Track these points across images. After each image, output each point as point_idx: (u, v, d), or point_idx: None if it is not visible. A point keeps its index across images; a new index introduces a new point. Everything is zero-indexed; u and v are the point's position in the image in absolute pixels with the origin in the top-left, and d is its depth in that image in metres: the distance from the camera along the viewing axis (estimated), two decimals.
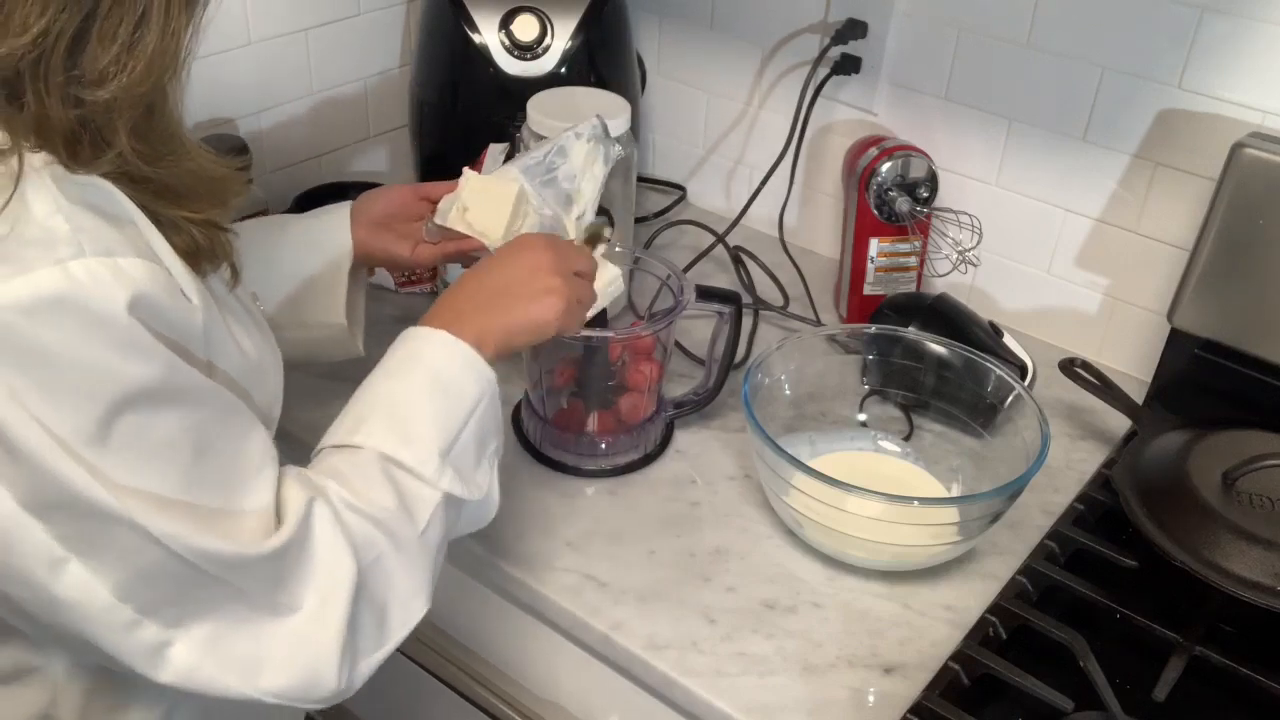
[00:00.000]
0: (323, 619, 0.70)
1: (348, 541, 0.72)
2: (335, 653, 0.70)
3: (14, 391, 0.58)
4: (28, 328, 0.58)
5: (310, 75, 1.43)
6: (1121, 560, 0.97)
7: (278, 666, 0.69)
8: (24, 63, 0.60)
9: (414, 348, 0.83)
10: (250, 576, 0.67)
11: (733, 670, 0.88)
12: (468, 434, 0.81)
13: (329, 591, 0.70)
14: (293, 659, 0.69)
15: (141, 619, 0.64)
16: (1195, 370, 1.11)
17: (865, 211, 1.24)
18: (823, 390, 1.11)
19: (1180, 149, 1.12)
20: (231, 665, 0.67)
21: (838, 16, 1.30)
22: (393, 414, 0.79)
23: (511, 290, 0.87)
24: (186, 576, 0.64)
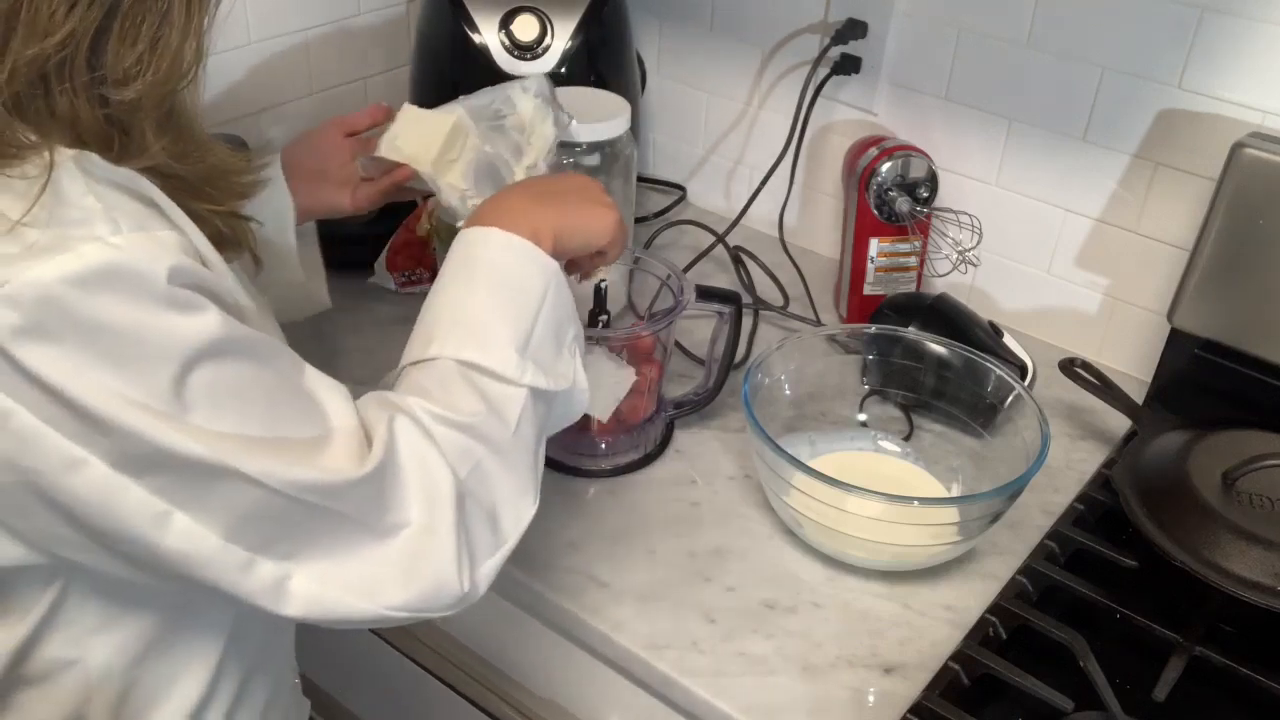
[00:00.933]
0: (432, 529, 0.71)
1: (439, 453, 0.72)
2: (451, 560, 0.71)
3: (80, 366, 0.59)
4: (83, 300, 0.58)
5: (310, 75, 1.43)
6: (1121, 560, 0.97)
7: (398, 582, 0.70)
8: (51, 64, 0.60)
9: (470, 252, 0.81)
10: (350, 501, 0.68)
11: (733, 670, 0.88)
12: (541, 327, 0.80)
13: (433, 503, 0.71)
14: (411, 572, 0.70)
15: (255, 557, 0.65)
16: (1195, 370, 1.11)
17: (865, 211, 1.24)
18: (823, 390, 1.11)
19: (1180, 149, 1.12)
20: (352, 588, 0.68)
21: (838, 16, 1.30)
22: (462, 320, 0.78)
23: (566, 194, 0.87)
24: (289, 511, 0.65)
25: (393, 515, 0.70)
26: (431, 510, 0.71)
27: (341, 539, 0.68)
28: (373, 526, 0.69)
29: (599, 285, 1.06)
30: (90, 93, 0.62)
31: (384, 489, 0.70)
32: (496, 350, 0.77)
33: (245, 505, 0.64)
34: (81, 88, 0.62)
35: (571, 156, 1.18)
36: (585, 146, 1.18)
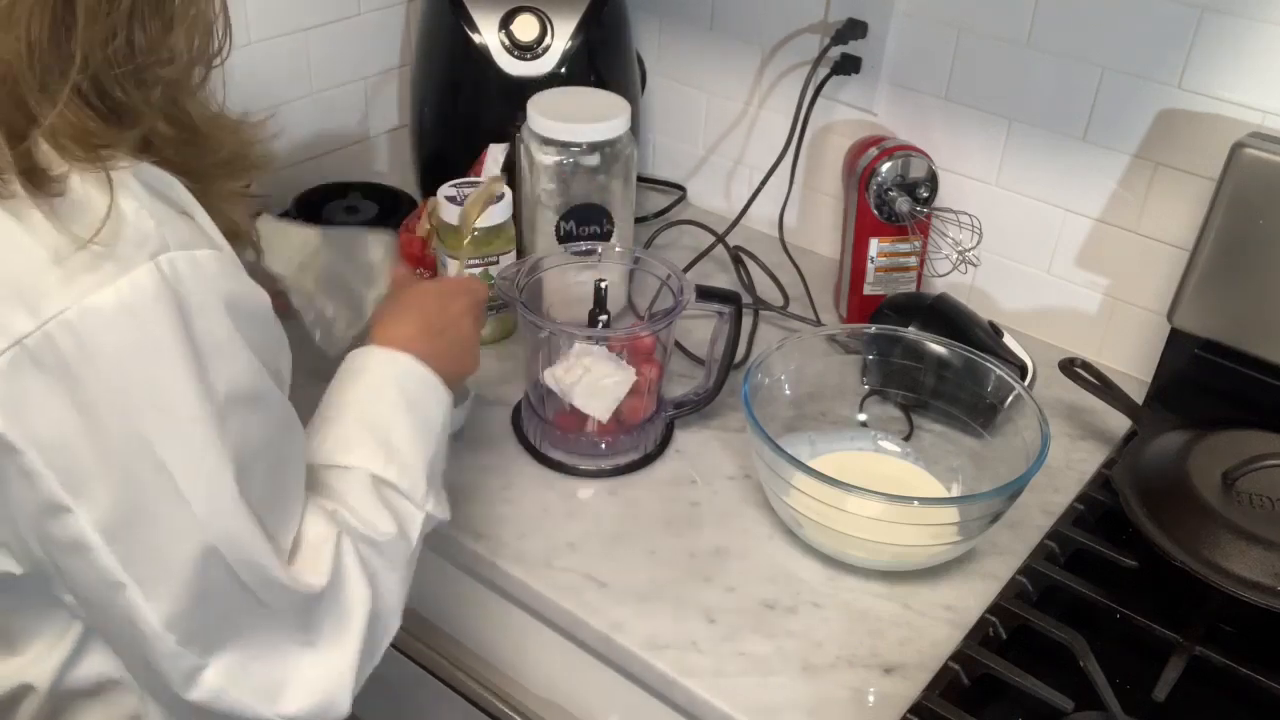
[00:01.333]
0: (342, 648, 0.74)
1: (366, 576, 0.75)
2: (351, 679, 0.74)
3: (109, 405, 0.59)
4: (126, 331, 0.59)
5: (310, 75, 1.43)
6: (1121, 560, 0.97)
7: (297, 691, 0.72)
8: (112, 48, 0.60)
9: (380, 369, 0.85)
10: (286, 604, 0.70)
11: (733, 670, 0.88)
12: (438, 456, 0.84)
13: (349, 624, 0.74)
14: (312, 685, 0.72)
15: (181, 651, 0.67)
16: (1195, 370, 1.11)
17: (865, 211, 1.24)
18: (823, 390, 1.11)
19: (1180, 149, 1.12)
20: (255, 690, 0.70)
21: (838, 16, 1.30)
22: (379, 437, 0.80)
23: (449, 336, 0.91)
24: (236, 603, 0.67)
25: (313, 630, 0.72)
26: (344, 631, 0.74)
27: (260, 641, 0.70)
28: (291, 637, 0.71)
29: (599, 285, 1.06)
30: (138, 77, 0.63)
31: (318, 607, 0.72)
32: (410, 473, 0.80)
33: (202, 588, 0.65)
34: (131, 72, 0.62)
35: (572, 156, 1.18)
36: (585, 146, 1.18)
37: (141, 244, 0.60)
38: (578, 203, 1.21)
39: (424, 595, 1.14)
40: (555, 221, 1.21)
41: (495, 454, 1.08)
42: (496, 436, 1.10)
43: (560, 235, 1.22)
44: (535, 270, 1.09)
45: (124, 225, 0.60)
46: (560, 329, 1.04)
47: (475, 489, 1.04)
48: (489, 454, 1.08)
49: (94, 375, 0.59)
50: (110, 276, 0.58)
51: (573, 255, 1.13)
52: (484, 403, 1.14)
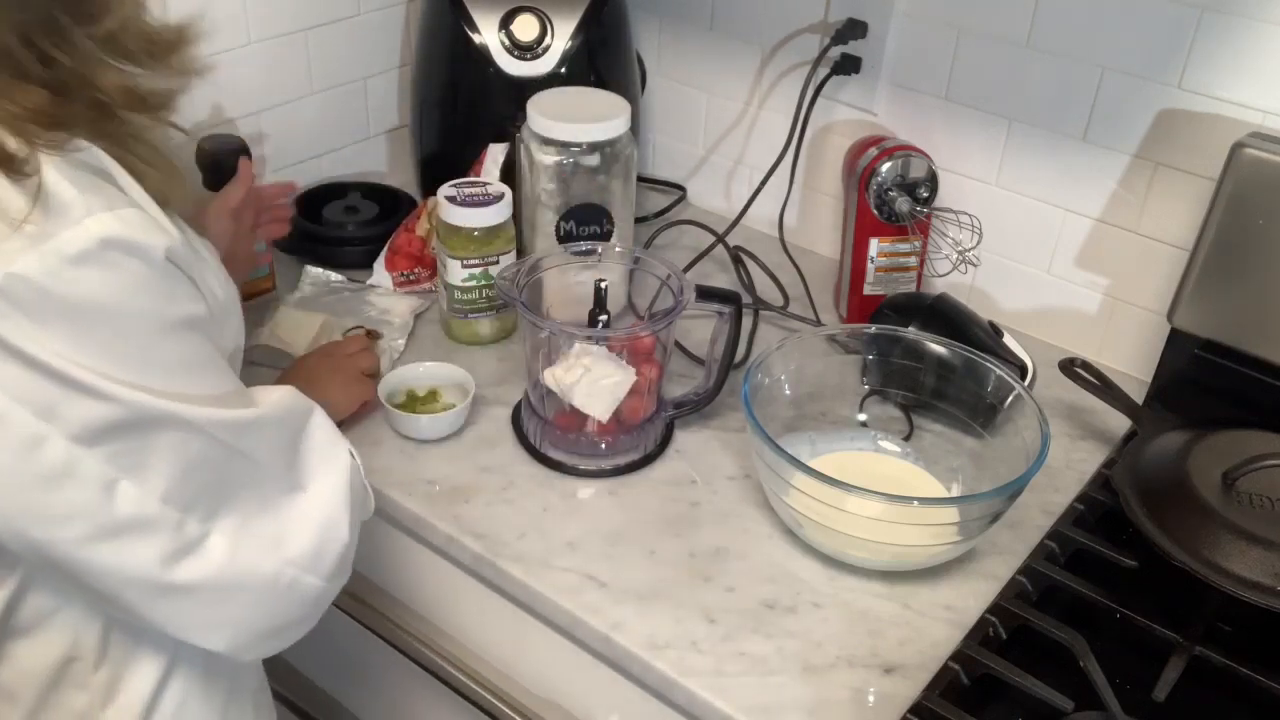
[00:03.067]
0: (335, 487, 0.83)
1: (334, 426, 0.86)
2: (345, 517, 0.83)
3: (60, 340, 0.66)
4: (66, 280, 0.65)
5: (310, 75, 1.43)
6: (1121, 560, 0.97)
7: (299, 534, 0.80)
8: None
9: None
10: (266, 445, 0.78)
11: (733, 670, 0.88)
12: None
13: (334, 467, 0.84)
14: (310, 522, 0.81)
15: (182, 518, 0.73)
16: (1195, 370, 1.11)
17: (865, 211, 1.24)
18: (823, 390, 1.11)
19: (1180, 149, 1.12)
20: (260, 545, 0.78)
21: (838, 16, 1.30)
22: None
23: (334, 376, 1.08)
24: (219, 460, 0.74)
25: (300, 472, 0.82)
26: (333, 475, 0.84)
27: (260, 498, 0.78)
28: (285, 485, 0.80)
29: (599, 285, 1.06)
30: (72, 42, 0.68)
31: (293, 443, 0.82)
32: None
33: (185, 458, 0.72)
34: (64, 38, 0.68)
35: (572, 156, 1.18)
36: (585, 146, 1.18)
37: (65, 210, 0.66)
38: (578, 203, 1.21)
39: (424, 594, 1.14)
40: (555, 221, 1.21)
41: (495, 454, 1.08)
42: (496, 436, 1.10)
43: (560, 235, 1.22)
44: (535, 270, 1.09)
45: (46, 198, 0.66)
46: (560, 329, 1.04)
47: (475, 489, 1.04)
48: (489, 454, 1.08)
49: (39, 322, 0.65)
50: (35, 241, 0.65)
51: (573, 255, 1.13)
52: (484, 403, 1.14)
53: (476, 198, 1.17)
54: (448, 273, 1.19)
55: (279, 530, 0.79)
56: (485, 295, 1.20)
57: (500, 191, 1.18)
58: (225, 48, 1.32)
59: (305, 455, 0.82)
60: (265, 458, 0.78)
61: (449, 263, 1.18)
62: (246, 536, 0.77)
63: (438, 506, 1.02)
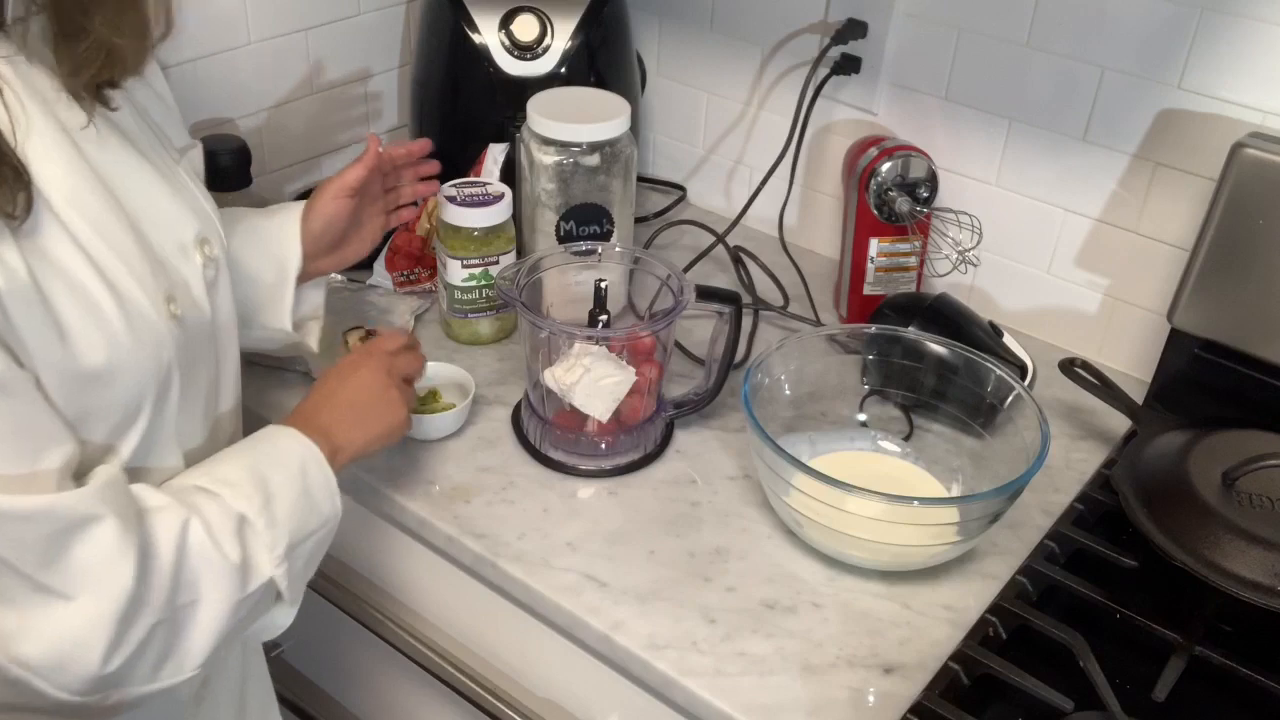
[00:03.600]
0: (91, 615, 0.69)
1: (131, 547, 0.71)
2: (99, 649, 0.70)
3: None
4: None
5: (310, 75, 1.43)
6: (1121, 560, 0.97)
7: (33, 639, 0.68)
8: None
9: (282, 444, 0.85)
10: (11, 538, 0.66)
11: (733, 670, 0.88)
12: (309, 544, 0.84)
13: (102, 590, 0.70)
14: (50, 638, 0.69)
15: None
16: (1195, 370, 1.11)
17: (865, 211, 1.24)
18: (823, 390, 1.11)
19: (1180, 149, 1.12)
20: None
21: (838, 16, 1.30)
22: (260, 488, 0.80)
23: (363, 408, 0.93)
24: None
25: (53, 578, 0.68)
26: (96, 599, 0.69)
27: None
28: (27, 578, 0.68)
29: (599, 285, 1.06)
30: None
31: (54, 545, 0.68)
32: (276, 531, 0.80)
33: None
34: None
35: (572, 156, 1.18)
36: (585, 146, 1.18)
37: None
38: (578, 203, 1.21)
39: (424, 595, 1.14)
40: (555, 221, 1.21)
41: (495, 454, 1.08)
42: (496, 436, 1.10)
43: (560, 235, 1.22)
44: (535, 270, 1.09)
45: None
46: (560, 329, 1.04)
47: (475, 489, 1.04)
48: (489, 454, 1.08)
49: None
50: None
51: (573, 255, 1.13)
52: (484, 403, 1.14)
53: (476, 198, 1.17)
54: (448, 273, 1.19)
55: (15, 626, 0.68)
56: (485, 295, 1.20)
57: (500, 191, 1.18)
58: (225, 48, 1.32)
59: (69, 564, 0.69)
60: (10, 554, 0.67)
61: (449, 263, 1.18)
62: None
63: (438, 506, 1.02)
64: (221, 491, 0.78)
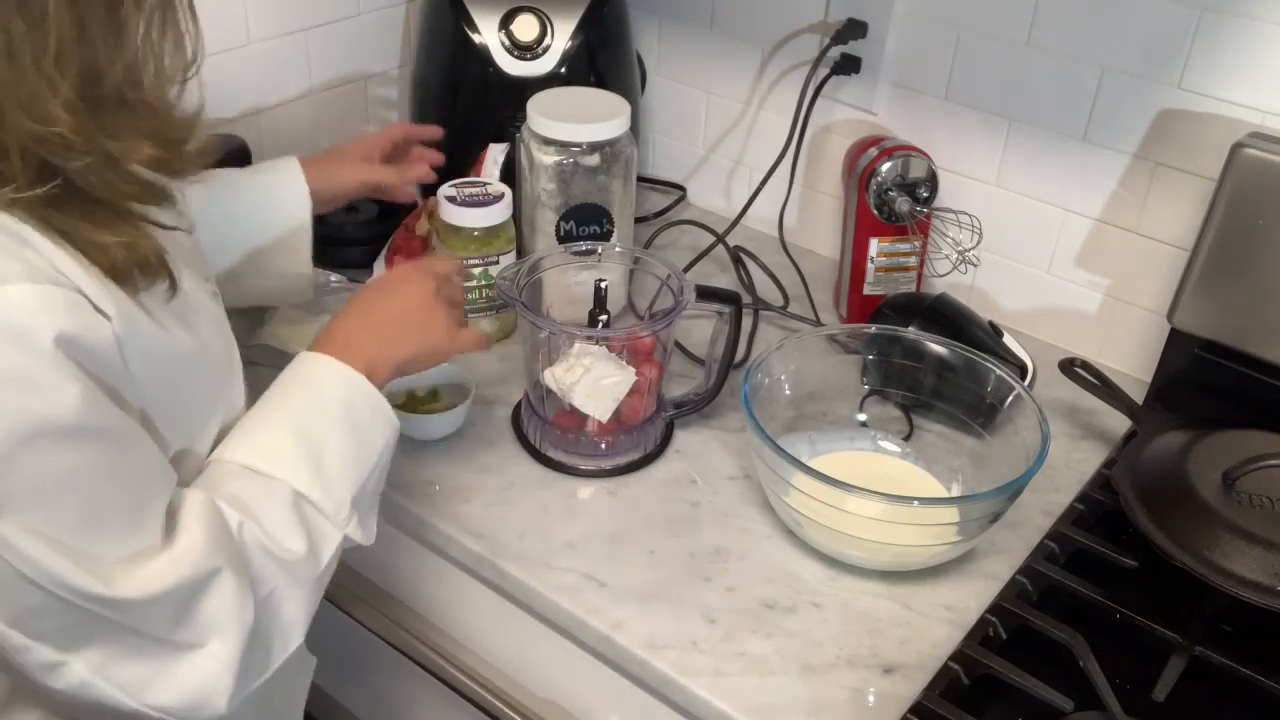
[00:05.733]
0: (215, 654, 0.72)
1: (251, 588, 0.73)
2: (229, 683, 0.72)
3: None
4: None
5: (310, 75, 1.43)
6: (1121, 560, 0.97)
7: (168, 688, 0.70)
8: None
9: (320, 381, 0.83)
10: (138, 617, 0.68)
11: (733, 670, 0.88)
12: (373, 480, 0.83)
13: (225, 630, 0.72)
14: (184, 684, 0.71)
15: (32, 644, 0.66)
16: (1195, 370, 1.11)
17: (865, 211, 1.24)
18: (823, 390, 1.11)
19: (1180, 149, 1.12)
20: (122, 684, 0.69)
21: (838, 16, 1.30)
22: (309, 451, 0.79)
23: (403, 320, 0.90)
24: (70, 613, 0.65)
25: (185, 634, 0.70)
26: (220, 638, 0.72)
27: (129, 644, 0.69)
28: (161, 640, 0.70)
29: (599, 285, 1.07)
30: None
31: (183, 608, 0.70)
32: (334, 491, 0.79)
33: (29, 602, 0.64)
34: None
35: (572, 156, 1.18)
36: (585, 146, 1.18)
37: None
38: (578, 203, 1.21)
39: (424, 594, 1.14)
40: (555, 221, 1.21)
41: (495, 454, 1.08)
42: (496, 436, 1.10)
43: (560, 235, 1.22)
44: (535, 270, 1.09)
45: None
46: (560, 329, 1.04)
47: (475, 489, 1.04)
48: (489, 454, 1.08)
49: None
50: None
51: (573, 255, 1.13)
52: (484, 403, 1.14)
53: (476, 198, 1.17)
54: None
55: (148, 676, 0.70)
56: (485, 295, 1.20)
57: (500, 191, 1.18)
58: (225, 47, 1.32)
59: (198, 618, 0.71)
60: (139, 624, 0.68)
61: None
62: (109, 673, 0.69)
63: (438, 506, 1.02)
64: (272, 471, 0.78)
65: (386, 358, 0.87)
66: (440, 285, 0.93)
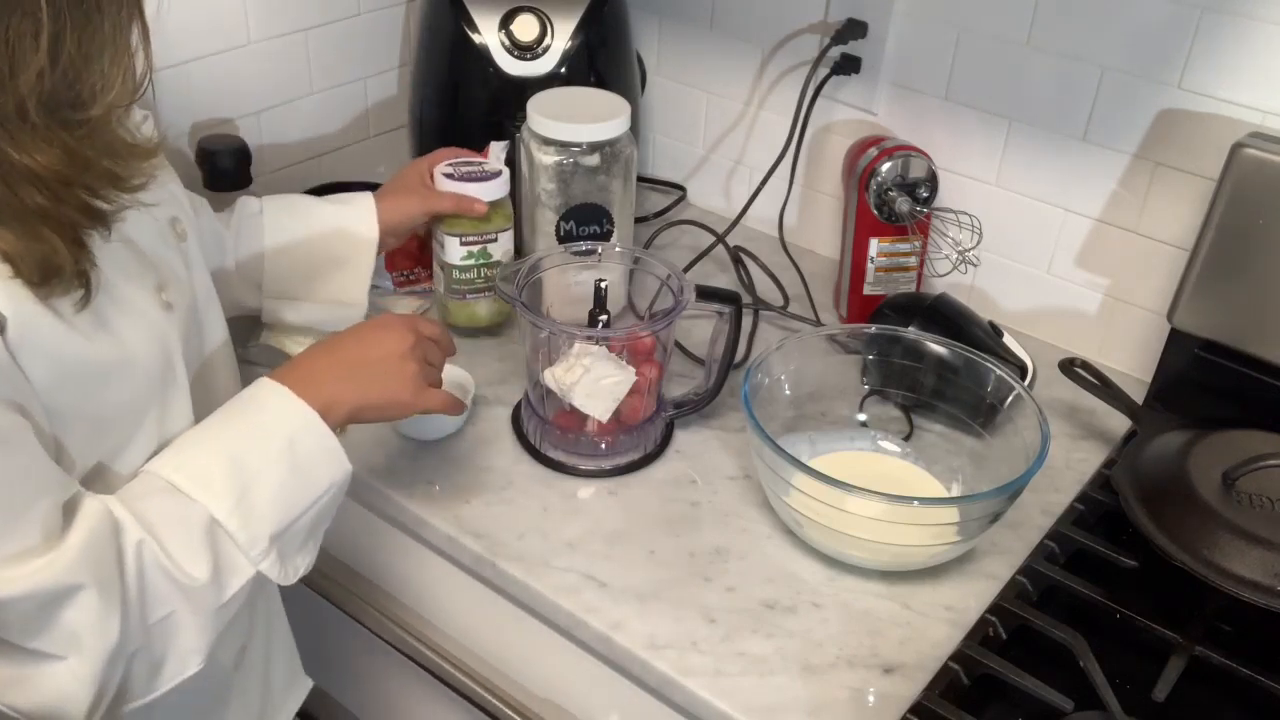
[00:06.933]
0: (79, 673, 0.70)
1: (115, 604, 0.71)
2: (85, 702, 0.71)
3: None
4: None
5: (310, 75, 1.43)
6: (1121, 560, 0.97)
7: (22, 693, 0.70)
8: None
9: (273, 413, 0.81)
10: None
11: (733, 670, 0.88)
12: (305, 521, 0.81)
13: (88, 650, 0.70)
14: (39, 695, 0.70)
15: None
16: (1195, 370, 1.11)
17: (865, 211, 1.24)
18: (823, 390, 1.11)
19: (1180, 149, 1.12)
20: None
21: (838, 16, 1.30)
22: (239, 481, 0.77)
23: (373, 366, 0.86)
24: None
25: (43, 643, 0.69)
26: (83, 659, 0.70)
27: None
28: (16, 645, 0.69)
29: (599, 285, 1.06)
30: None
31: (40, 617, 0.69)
32: (253, 527, 0.77)
33: None
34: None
35: (572, 156, 1.18)
36: (585, 146, 1.18)
37: None
38: (578, 203, 1.21)
39: (424, 594, 1.14)
40: (555, 221, 1.21)
41: (495, 454, 1.08)
42: (496, 436, 1.10)
43: (560, 235, 1.22)
44: (535, 270, 1.09)
45: None
46: (560, 329, 1.04)
47: (475, 489, 1.04)
48: (489, 454, 1.08)
49: None
50: None
51: (573, 255, 1.13)
52: (484, 403, 1.14)
53: (474, 174, 1.17)
54: (445, 252, 1.18)
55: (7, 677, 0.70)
56: (483, 275, 1.19)
57: (497, 169, 1.18)
58: (225, 48, 1.32)
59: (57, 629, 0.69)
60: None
61: (446, 241, 1.17)
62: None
63: (438, 506, 1.02)
64: (194, 493, 0.76)
65: (346, 400, 0.84)
66: (418, 343, 0.90)
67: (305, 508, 0.80)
